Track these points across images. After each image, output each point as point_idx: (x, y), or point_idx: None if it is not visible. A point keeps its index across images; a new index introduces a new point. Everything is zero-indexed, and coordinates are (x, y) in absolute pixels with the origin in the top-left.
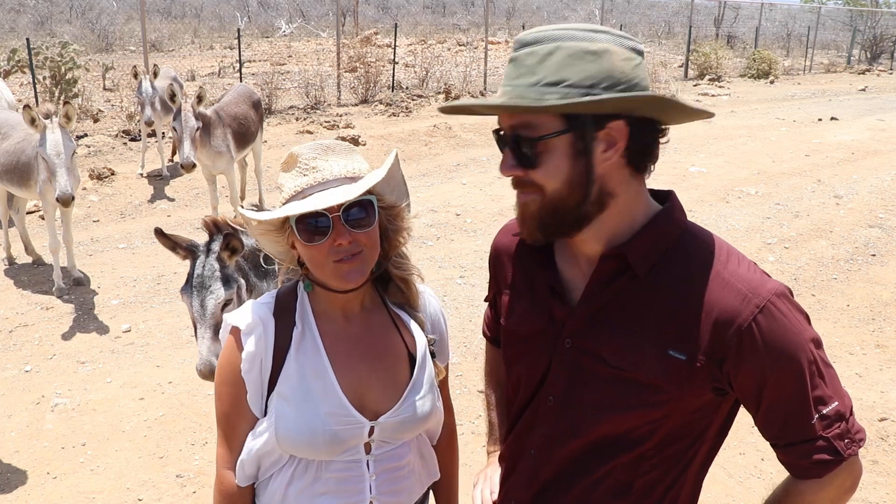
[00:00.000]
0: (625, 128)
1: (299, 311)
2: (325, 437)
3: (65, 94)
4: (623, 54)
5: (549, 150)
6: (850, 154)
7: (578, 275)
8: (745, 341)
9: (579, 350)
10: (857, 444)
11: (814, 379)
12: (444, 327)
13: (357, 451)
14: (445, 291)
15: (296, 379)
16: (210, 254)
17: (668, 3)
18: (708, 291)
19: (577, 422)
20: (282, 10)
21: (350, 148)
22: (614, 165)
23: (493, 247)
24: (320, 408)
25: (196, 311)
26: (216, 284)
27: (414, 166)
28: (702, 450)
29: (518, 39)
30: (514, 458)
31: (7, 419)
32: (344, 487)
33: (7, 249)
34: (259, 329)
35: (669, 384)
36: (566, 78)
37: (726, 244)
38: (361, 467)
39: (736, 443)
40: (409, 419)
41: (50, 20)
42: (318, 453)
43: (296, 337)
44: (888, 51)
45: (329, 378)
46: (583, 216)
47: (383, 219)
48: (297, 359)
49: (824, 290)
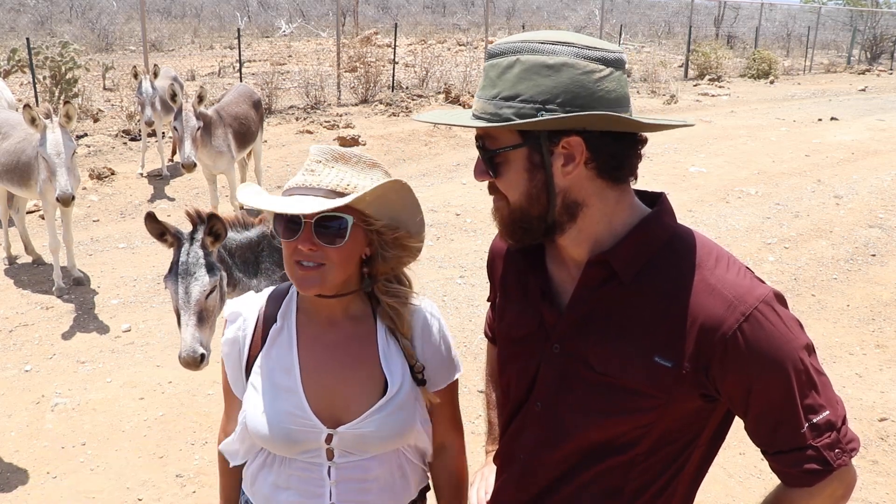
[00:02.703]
0: (581, 143)
1: (283, 309)
2: (280, 433)
3: (65, 93)
4: (584, 67)
5: (508, 162)
6: (850, 154)
7: (568, 278)
8: (730, 349)
9: (567, 355)
10: (848, 455)
11: (803, 388)
12: (444, 349)
13: (317, 454)
14: (445, 291)
15: (265, 373)
16: (194, 242)
17: (668, 3)
18: (694, 298)
19: (565, 427)
20: (282, 10)
21: (371, 163)
22: (580, 178)
23: (490, 250)
24: (281, 405)
25: (181, 298)
26: (200, 271)
27: (414, 166)
28: (695, 454)
29: (488, 50)
30: (505, 462)
31: (7, 419)
32: (304, 488)
33: (7, 249)
34: (241, 319)
35: (656, 390)
36: (521, 93)
37: (716, 247)
38: (321, 471)
39: (736, 443)
40: (371, 435)
41: (50, 20)
42: (276, 448)
43: (272, 333)
44: (888, 51)
45: (294, 377)
46: (552, 226)
47: (375, 241)
48: (270, 353)
49: (824, 290)
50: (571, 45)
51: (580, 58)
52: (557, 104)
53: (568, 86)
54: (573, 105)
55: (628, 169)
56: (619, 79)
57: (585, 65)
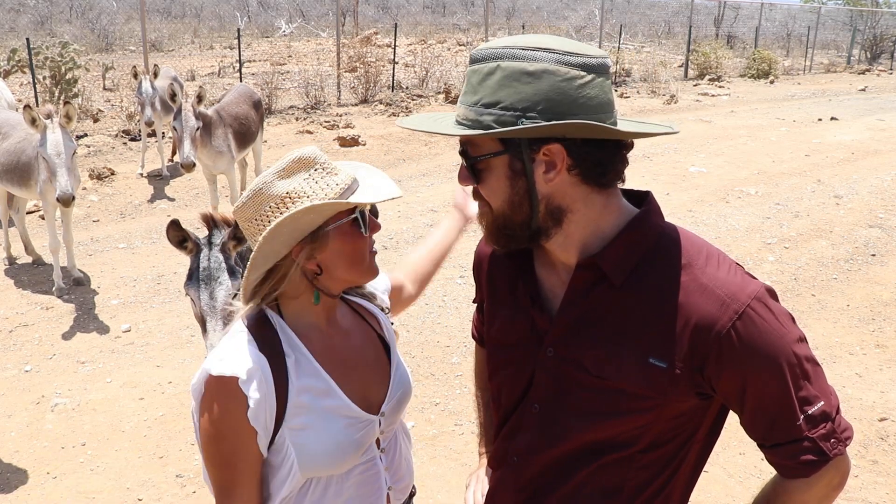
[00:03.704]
0: (562, 150)
1: (284, 340)
2: (351, 447)
3: (65, 94)
4: (565, 74)
5: (489, 169)
6: (850, 154)
7: (558, 283)
8: (725, 347)
9: (561, 359)
10: (843, 444)
11: (797, 380)
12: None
13: (372, 449)
14: (445, 291)
15: (307, 407)
16: (213, 247)
17: (668, 3)
18: (686, 298)
19: (562, 429)
20: (282, 10)
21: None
22: (563, 184)
23: (476, 254)
24: (339, 423)
25: (206, 305)
26: (224, 276)
27: (414, 166)
28: (692, 451)
29: (471, 55)
30: (500, 463)
31: (7, 419)
32: (364, 490)
33: (7, 249)
34: (258, 374)
35: (652, 392)
36: (501, 100)
37: (705, 245)
38: (377, 465)
39: (736, 443)
40: (402, 395)
41: (50, 20)
42: (344, 466)
43: (291, 367)
44: (888, 51)
45: (336, 393)
46: (536, 231)
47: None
48: (302, 388)
49: (824, 290)
50: (553, 50)
51: (561, 64)
52: (538, 112)
53: (548, 93)
54: (553, 112)
55: (613, 174)
56: (601, 85)
57: (566, 71)
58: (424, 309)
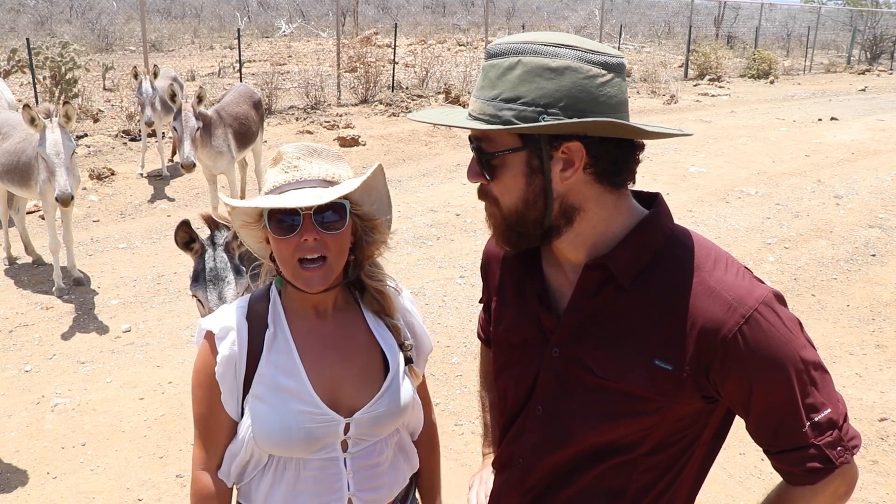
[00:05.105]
0: (582, 148)
1: (271, 314)
2: (300, 434)
3: (65, 94)
4: (587, 71)
5: (505, 166)
6: (850, 154)
7: (565, 283)
8: (731, 351)
9: (567, 359)
10: (850, 452)
11: (804, 387)
12: (420, 323)
13: (333, 448)
14: (445, 291)
15: (269, 379)
16: (217, 247)
17: (668, 3)
18: (693, 301)
19: (567, 431)
20: (282, 10)
21: (337, 155)
22: (578, 183)
23: (483, 253)
24: (294, 406)
25: (214, 305)
26: (230, 275)
27: (414, 166)
28: (697, 453)
29: (487, 49)
30: (505, 464)
31: (7, 419)
32: (322, 487)
33: (7, 249)
34: (232, 333)
35: (657, 394)
36: (522, 95)
37: (714, 248)
38: (338, 465)
39: (736, 443)
40: (384, 414)
41: (50, 20)
42: (294, 451)
43: (268, 339)
44: (888, 51)
45: (301, 377)
46: (548, 230)
47: (359, 227)
48: (270, 360)
49: (824, 290)
50: (574, 48)
51: (583, 62)
52: (560, 108)
53: (571, 90)
54: (575, 110)
55: (627, 174)
56: (619, 84)
57: (588, 69)
58: (424, 309)
